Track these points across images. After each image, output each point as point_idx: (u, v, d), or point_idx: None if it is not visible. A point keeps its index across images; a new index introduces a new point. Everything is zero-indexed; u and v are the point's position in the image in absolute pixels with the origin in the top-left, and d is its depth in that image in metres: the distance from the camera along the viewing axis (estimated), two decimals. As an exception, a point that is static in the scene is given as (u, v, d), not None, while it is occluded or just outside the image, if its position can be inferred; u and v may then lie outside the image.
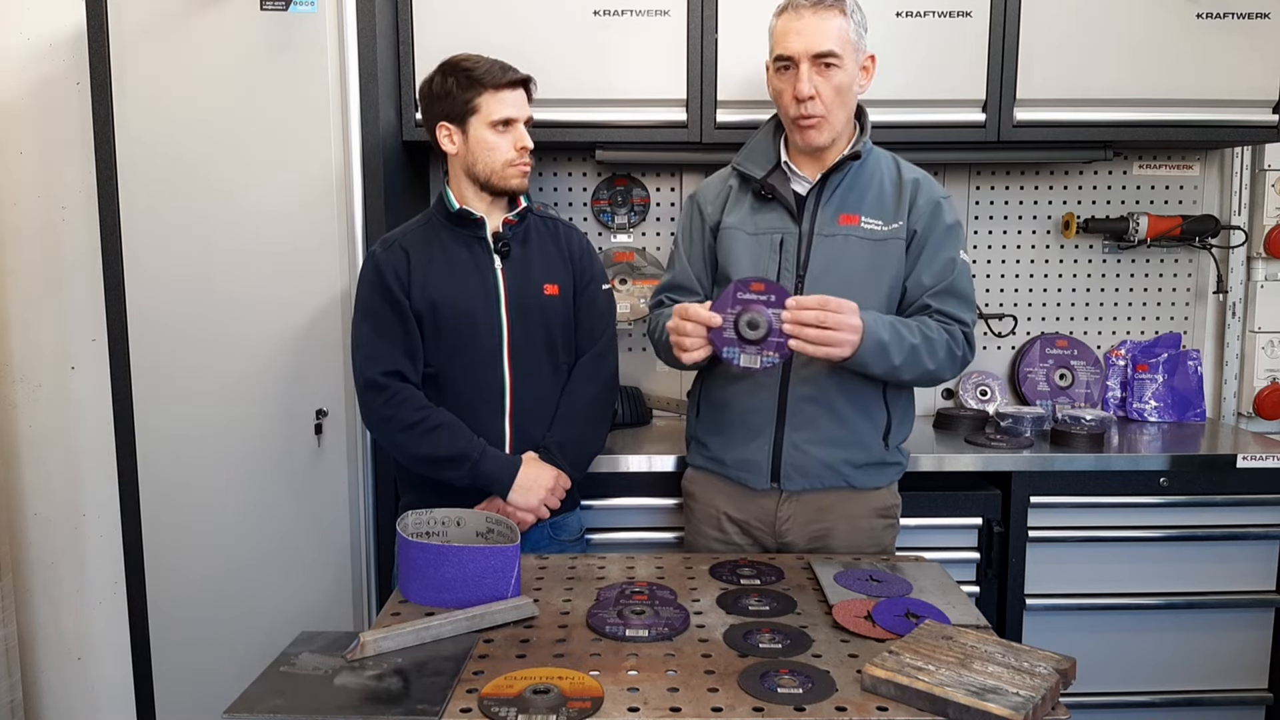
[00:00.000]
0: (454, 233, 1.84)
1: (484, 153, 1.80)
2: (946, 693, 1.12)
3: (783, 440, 1.78)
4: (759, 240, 1.79)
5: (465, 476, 1.76)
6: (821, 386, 1.76)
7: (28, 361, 2.60)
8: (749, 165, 1.84)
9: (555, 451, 1.83)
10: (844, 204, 1.79)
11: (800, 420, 1.77)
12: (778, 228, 1.79)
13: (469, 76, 1.78)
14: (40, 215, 2.55)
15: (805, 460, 1.78)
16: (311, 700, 1.17)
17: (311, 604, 2.15)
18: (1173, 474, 2.22)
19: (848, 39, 1.72)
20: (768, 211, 1.81)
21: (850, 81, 1.75)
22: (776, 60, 1.76)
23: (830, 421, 1.77)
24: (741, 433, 1.81)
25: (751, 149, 1.87)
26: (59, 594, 2.67)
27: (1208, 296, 2.75)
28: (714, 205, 1.86)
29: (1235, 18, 2.28)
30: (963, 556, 2.20)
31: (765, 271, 1.78)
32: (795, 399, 1.77)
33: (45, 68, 2.51)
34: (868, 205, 1.79)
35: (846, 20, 1.72)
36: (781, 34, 1.74)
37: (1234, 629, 2.27)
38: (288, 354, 2.11)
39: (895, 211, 1.79)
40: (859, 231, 1.77)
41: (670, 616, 1.42)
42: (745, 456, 1.80)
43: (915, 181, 1.81)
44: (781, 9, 1.77)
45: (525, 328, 1.84)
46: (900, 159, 1.87)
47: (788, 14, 1.74)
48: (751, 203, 1.83)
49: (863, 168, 1.81)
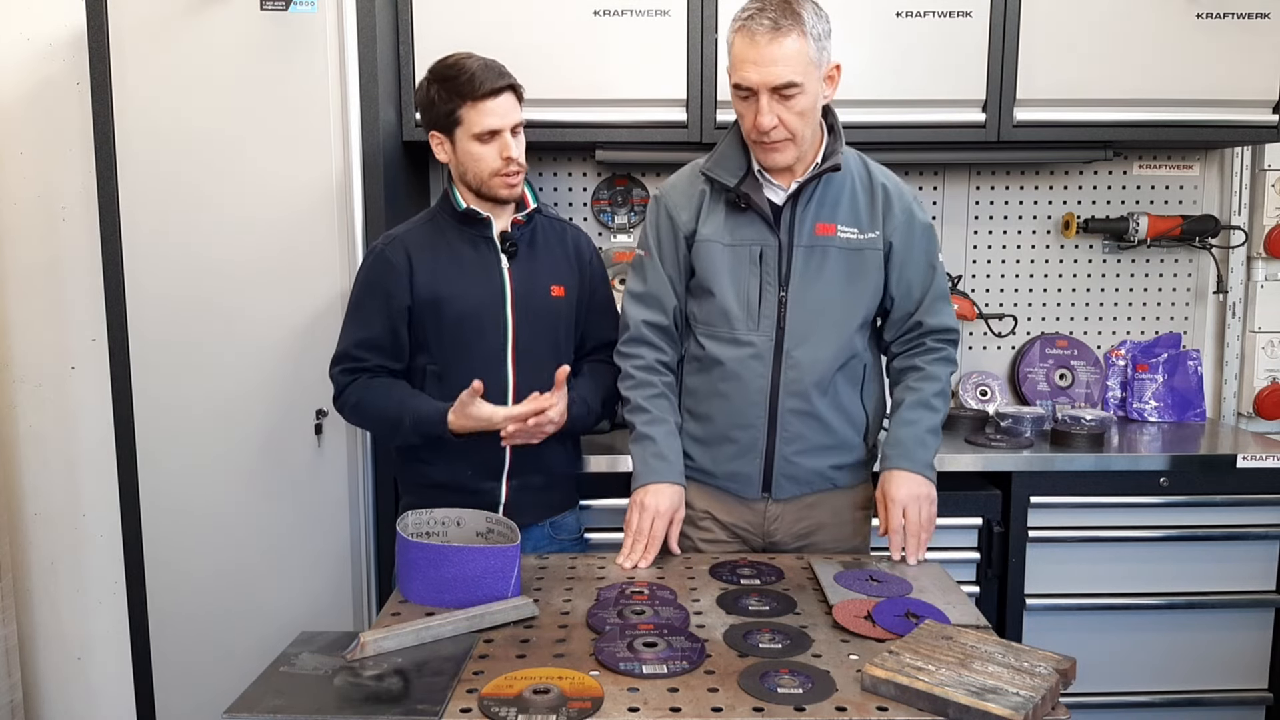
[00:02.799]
0: (460, 231, 1.84)
1: (471, 163, 1.78)
2: (946, 693, 1.12)
3: (774, 454, 1.76)
4: (737, 252, 1.74)
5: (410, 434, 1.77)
6: (808, 399, 1.74)
7: (28, 362, 2.60)
8: (720, 172, 1.75)
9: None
10: (819, 213, 1.74)
11: (790, 434, 1.75)
12: (756, 239, 1.74)
13: (450, 88, 1.75)
14: (40, 215, 2.55)
15: (796, 470, 1.77)
16: (311, 700, 1.17)
17: (311, 604, 2.15)
18: (1173, 474, 2.22)
19: (808, 60, 1.60)
20: (744, 221, 1.74)
21: (813, 102, 1.65)
22: (735, 88, 1.65)
23: (817, 431, 1.76)
24: (730, 448, 1.78)
25: (721, 154, 1.77)
26: (59, 594, 2.67)
27: (1208, 296, 2.75)
28: (688, 213, 1.78)
29: (1235, 18, 2.28)
30: (963, 556, 2.20)
31: (747, 287, 1.74)
32: (785, 412, 1.75)
33: (45, 68, 2.51)
34: (842, 213, 1.75)
35: (805, 40, 1.59)
36: (738, 61, 1.63)
37: (1234, 629, 2.28)
38: (288, 354, 2.11)
39: (870, 220, 1.76)
40: (836, 241, 1.74)
41: (670, 617, 1.42)
42: (736, 470, 1.79)
43: (885, 188, 1.77)
44: (737, 26, 1.62)
45: (530, 328, 1.83)
46: (867, 158, 1.82)
47: (742, 37, 1.61)
48: (726, 211, 1.76)
49: (835, 173, 1.74)
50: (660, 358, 1.81)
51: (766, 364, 1.74)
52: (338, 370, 1.82)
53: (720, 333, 1.76)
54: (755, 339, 1.74)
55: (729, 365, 1.75)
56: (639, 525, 1.70)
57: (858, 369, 1.79)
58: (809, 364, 1.73)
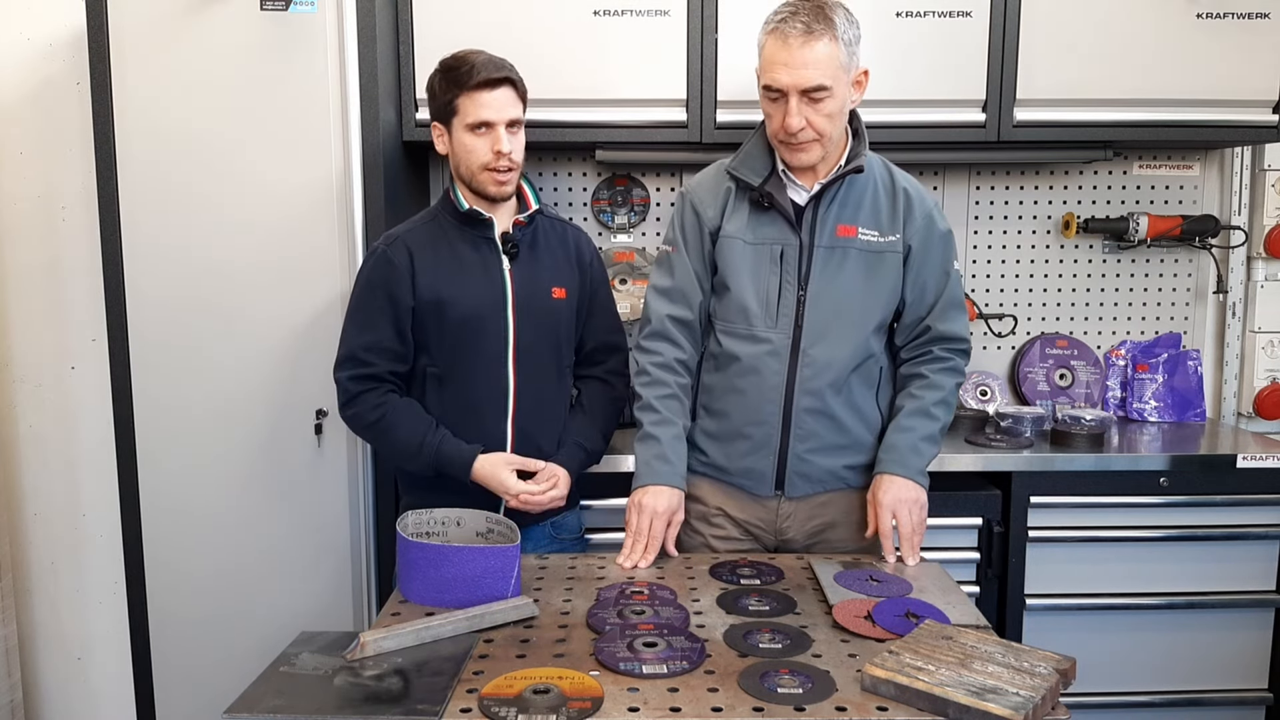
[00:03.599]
0: (462, 231, 1.83)
1: (463, 155, 1.78)
2: (946, 693, 1.12)
3: (788, 452, 1.78)
4: (759, 250, 1.77)
5: (426, 468, 1.78)
6: (823, 397, 1.75)
7: (28, 361, 2.60)
8: (745, 171, 1.78)
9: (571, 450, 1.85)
10: (841, 214, 1.76)
11: (804, 432, 1.77)
12: (777, 238, 1.76)
13: (450, 77, 1.75)
14: (40, 215, 2.55)
15: (810, 469, 1.79)
16: (311, 700, 1.17)
17: (311, 604, 2.15)
18: (1173, 474, 2.22)
19: (838, 65, 1.63)
20: (766, 220, 1.78)
21: (841, 106, 1.68)
22: (765, 89, 1.68)
23: (831, 430, 1.77)
24: (744, 444, 1.80)
25: (747, 154, 1.80)
26: (59, 594, 2.67)
27: (1208, 296, 2.75)
28: (713, 209, 1.81)
29: (1235, 18, 2.28)
30: (963, 556, 2.20)
31: (766, 285, 1.75)
32: (799, 410, 1.76)
33: (45, 68, 2.50)
34: (864, 215, 1.77)
35: (836, 45, 1.62)
36: (769, 63, 1.66)
37: (1234, 629, 2.27)
38: (288, 354, 2.11)
39: (891, 223, 1.78)
40: (857, 243, 1.76)
41: (670, 617, 1.42)
42: (749, 466, 1.80)
43: (907, 192, 1.80)
44: (770, 28, 1.66)
45: (532, 330, 1.83)
46: (890, 162, 1.85)
47: (775, 39, 1.64)
48: (750, 210, 1.79)
49: (857, 175, 1.77)
50: (679, 355, 1.82)
51: (783, 361, 1.75)
52: (346, 376, 1.80)
53: (738, 329, 1.78)
54: (773, 336, 1.75)
55: (745, 361, 1.76)
56: (638, 525, 1.71)
57: (874, 370, 1.80)
58: (825, 363, 1.74)
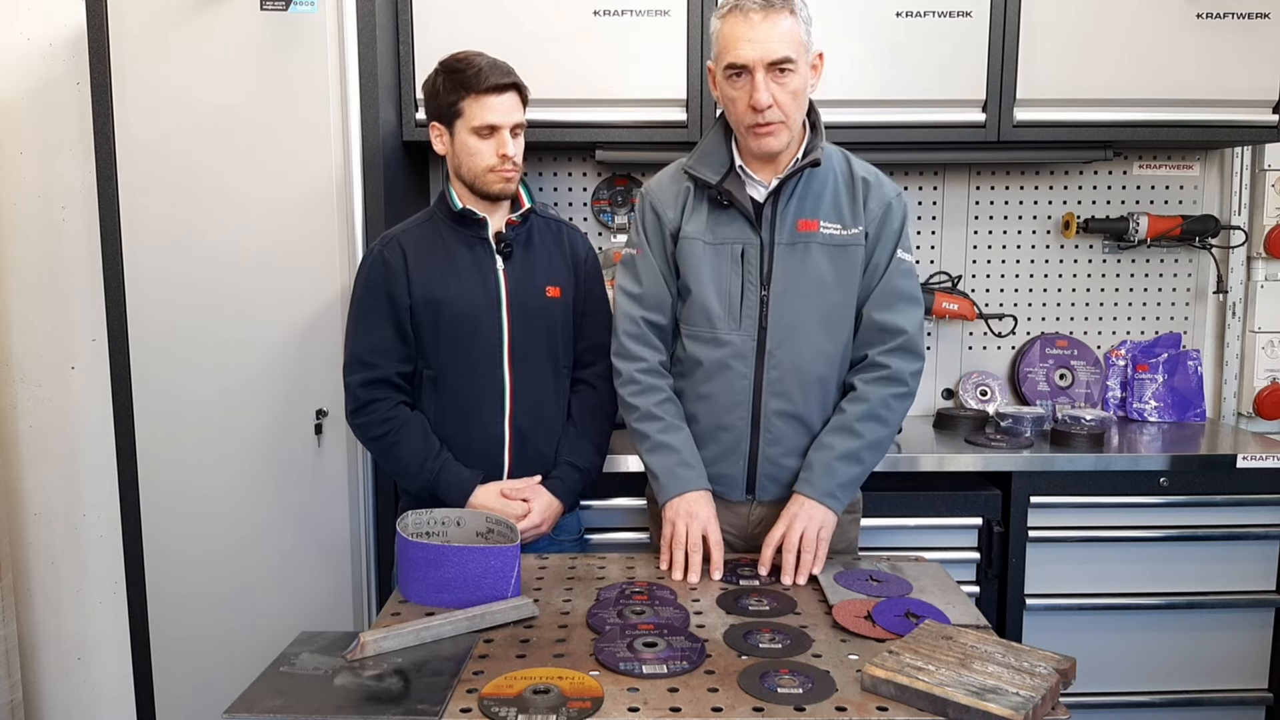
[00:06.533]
0: (456, 232, 1.83)
1: (467, 157, 1.78)
2: (946, 693, 1.12)
3: (758, 456, 1.74)
4: (719, 250, 1.73)
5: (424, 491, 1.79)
6: (792, 400, 1.72)
7: (28, 361, 2.60)
8: (702, 169, 1.73)
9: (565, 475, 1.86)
10: (801, 209, 1.72)
11: (773, 436, 1.73)
12: (738, 237, 1.72)
13: (455, 79, 1.75)
14: (40, 215, 2.55)
15: (779, 472, 1.75)
16: (311, 700, 1.17)
17: (311, 604, 2.15)
18: (1173, 474, 2.22)
19: (800, 40, 1.62)
20: (726, 219, 1.73)
21: (804, 85, 1.65)
22: (727, 68, 1.64)
23: (800, 432, 1.74)
24: (714, 448, 1.76)
25: (704, 151, 1.75)
26: (59, 594, 2.67)
27: (1208, 296, 2.75)
28: (673, 210, 1.75)
29: (1235, 18, 2.29)
30: (963, 556, 2.20)
31: (728, 285, 1.72)
32: (768, 413, 1.72)
33: (45, 68, 2.51)
34: (825, 209, 1.73)
35: (796, 20, 1.61)
36: (730, 40, 1.62)
37: (1234, 629, 2.28)
38: (288, 354, 2.11)
39: (853, 215, 1.73)
40: (819, 238, 1.71)
41: (670, 617, 1.42)
42: (720, 472, 1.76)
43: (866, 181, 1.75)
44: (726, 10, 1.64)
45: (526, 330, 1.83)
46: (850, 154, 1.80)
47: (734, 17, 1.62)
48: (709, 209, 1.73)
49: (815, 169, 1.72)
50: (661, 359, 1.79)
51: (749, 364, 1.71)
52: (356, 381, 1.79)
53: (701, 333, 1.74)
54: (735, 339, 1.71)
55: (709, 365, 1.72)
56: (691, 538, 1.65)
57: (844, 369, 1.76)
58: (792, 364, 1.70)
